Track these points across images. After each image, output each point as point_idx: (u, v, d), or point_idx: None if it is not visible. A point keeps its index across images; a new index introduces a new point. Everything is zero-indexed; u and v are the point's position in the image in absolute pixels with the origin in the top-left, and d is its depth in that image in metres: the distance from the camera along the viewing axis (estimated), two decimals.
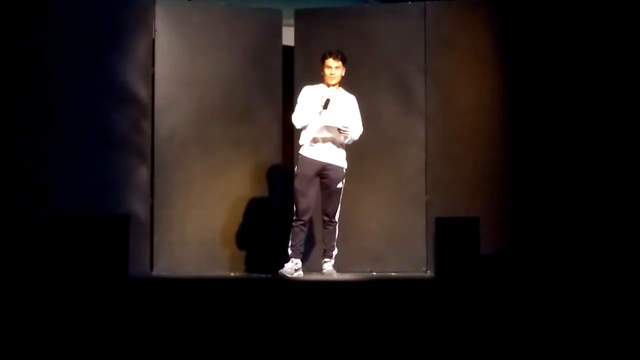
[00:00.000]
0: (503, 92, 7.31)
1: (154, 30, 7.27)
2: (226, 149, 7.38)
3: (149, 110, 7.22)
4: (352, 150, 7.29)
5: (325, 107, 6.40)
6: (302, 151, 6.50)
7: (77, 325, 4.50)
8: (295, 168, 6.56)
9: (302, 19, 7.62)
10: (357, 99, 6.70)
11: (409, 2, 7.55)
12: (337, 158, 6.50)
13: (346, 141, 6.49)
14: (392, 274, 7.13)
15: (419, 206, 7.35)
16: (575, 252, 6.84)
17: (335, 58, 6.46)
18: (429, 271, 7.19)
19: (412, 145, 7.41)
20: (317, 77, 6.64)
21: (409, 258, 7.31)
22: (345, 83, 6.78)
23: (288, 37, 7.61)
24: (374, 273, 7.23)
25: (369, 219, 7.41)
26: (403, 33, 7.45)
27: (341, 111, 6.48)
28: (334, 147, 6.47)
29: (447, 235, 6.42)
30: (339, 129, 6.40)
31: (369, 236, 7.39)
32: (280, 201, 7.35)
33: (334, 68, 6.47)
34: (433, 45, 7.41)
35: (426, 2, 7.44)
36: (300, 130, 6.53)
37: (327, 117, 6.39)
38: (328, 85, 6.50)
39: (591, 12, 7.06)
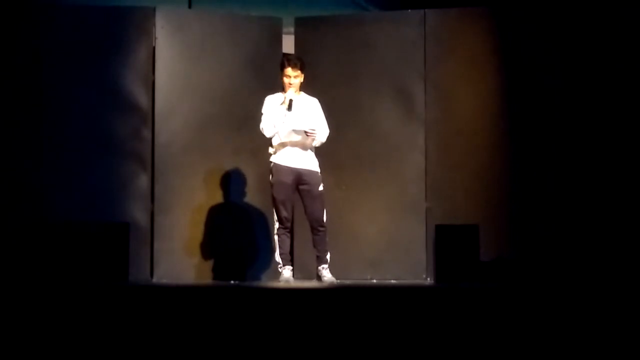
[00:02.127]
0: (502, 99, 7.32)
1: (154, 38, 7.29)
2: (226, 156, 7.39)
3: (150, 118, 7.24)
4: (352, 157, 7.31)
5: (289, 108, 6.37)
6: (274, 159, 6.48)
7: (77, 332, 4.50)
8: (270, 177, 6.54)
9: (302, 26, 7.64)
10: (356, 106, 6.70)
11: (409, 10, 7.57)
12: (310, 163, 6.48)
13: (314, 144, 6.48)
14: (392, 281, 7.13)
15: (418, 213, 7.36)
16: (575, 258, 6.85)
17: (294, 67, 6.40)
18: (428, 278, 7.19)
19: (411, 152, 7.41)
20: (316, 85, 6.64)
21: (408, 265, 7.31)
22: (345, 90, 6.80)
23: (288, 45, 7.62)
24: (374, 280, 7.23)
25: (369, 225, 7.42)
26: (403, 40, 7.47)
27: (306, 114, 6.45)
28: (304, 151, 6.45)
29: (447, 242, 6.42)
30: (306, 132, 6.38)
31: (368, 243, 7.39)
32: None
33: (293, 77, 6.41)
34: (433, 52, 7.42)
35: (426, 9, 7.46)
36: (271, 138, 6.51)
37: (293, 122, 6.38)
38: (284, 98, 6.42)
39: (590, 19, 7.08)
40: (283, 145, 6.43)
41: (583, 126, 7.04)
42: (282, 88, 6.55)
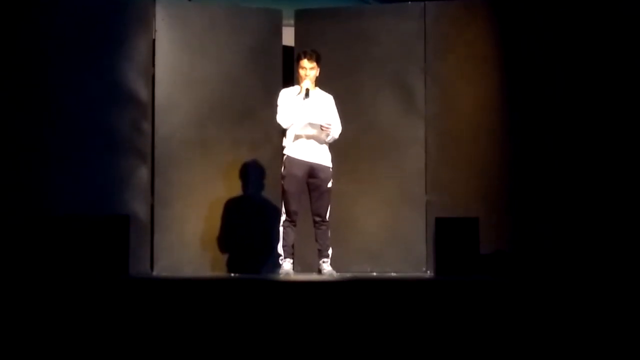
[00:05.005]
0: (503, 92, 7.32)
1: (154, 30, 7.28)
2: (226, 149, 7.39)
3: (149, 111, 7.24)
4: (352, 150, 7.31)
5: (307, 96, 6.39)
6: (287, 152, 6.48)
7: (77, 325, 4.50)
8: (282, 169, 6.55)
9: (302, 19, 7.63)
10: (356, 99, 6.68)
11: (409, 3, 7.56)
12: (323, 158, 6.49)
13: (328, 139, 6.48)
14: (392, 274, 7.14)
15: (418, 206, 7.36)
16: (575, 252, 6.85)
17: (309, 59, 6.43)
18: (428, 271, 7.20)
19: (412, 145, 7.41)
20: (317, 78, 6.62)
21: (408, 258, 7.32)
22: (345, 83, 6.77)
23: (288, 37, 7.62)
24: (374, 273, 7.24)
25: (369, 219, 7.42)
26: (403, 33, 7.46)
27: (321, 109, 6.47)
28: (318, 145, 6.46)
29: (447, 236, 6.43)
30: (321, 127, 6.39)
31: (368, 236, 7.40)
32: (280, 202, 7.35)
33: (309, 69, 6.43)
34: (433, 45, 7.42)
35: (426, 2, 7.45)
36: (286, 130, 6.50)
37: (310, 115, 6.39)
38: (301, 88, 6.45)
39: (590, 12, 7.07)
40: (297, 138, 6.43)
41: (584, 120, 7.04)
42: (297, 82, 6.54)
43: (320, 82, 6.59)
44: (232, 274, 7.17)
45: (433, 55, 7.41)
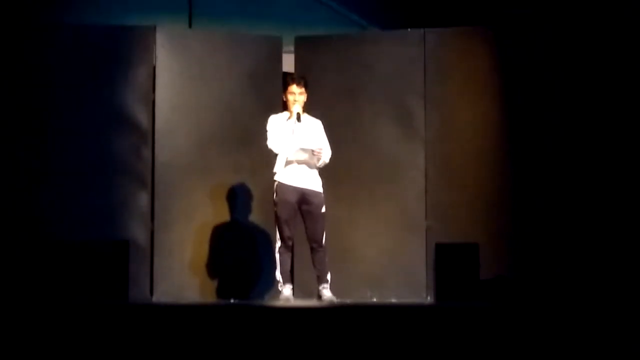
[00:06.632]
0: (502, 118, 7.34)
1: (155, 57, 7.31)
2: (226, 175, 7.40)
3: (150, 136, 7.25)
4: (352, 175, 7.32)
5: (298, 119, 6.40)
6: (278, 178, 6.48)
7: (76, 351, 4.49)
8: (274, 196, 6.54)
9: (302, 46, 7.66)
10: (356, 125, 6.66)
11: (409, 29, 7.60)
12: (314, 183, 6.49)
13: (319, 164, 6.49)
14: (392, 300, 7.12)
15: (418, 232, 7.36)
16: (576, 278, 6.84)
17: (298, 84, 6.44)
18: (429, 297, 7.18)
19: (411, 170, 7.43)
20: (316, 104, 6.64)
21: (408, 284, 7.30)
22: (345, 109, 6.76)
23: (288, 63, 7.65)
24: (374, 299, 7.22)
25: (369, 244, 7.42)
26: (403, 60, 7.49)
27: (311, 134, 6.48)
28: (308, 171, 6.46)
29: (447, 261, 6.43)
30: (312, 151, 6.40)
31: (369, 262, 7.39)
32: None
33: (298, 94, 6.44)
34: (432, 71, 7.45)
35: (425, 29, 7.49)
36: (275, 157, 6.51)
37: (301, 141, 6.40)
38: (291, 113, 6.46)
39: (589, 38, 7.11)
40: (288, 163, 6.43)
41: (584, 145, 7.05)
42: (284, 108, 6.56)
43: (321, 107, 6.61)
44: (233, 300, 7.15)
45: (432, 81, 7.44)
